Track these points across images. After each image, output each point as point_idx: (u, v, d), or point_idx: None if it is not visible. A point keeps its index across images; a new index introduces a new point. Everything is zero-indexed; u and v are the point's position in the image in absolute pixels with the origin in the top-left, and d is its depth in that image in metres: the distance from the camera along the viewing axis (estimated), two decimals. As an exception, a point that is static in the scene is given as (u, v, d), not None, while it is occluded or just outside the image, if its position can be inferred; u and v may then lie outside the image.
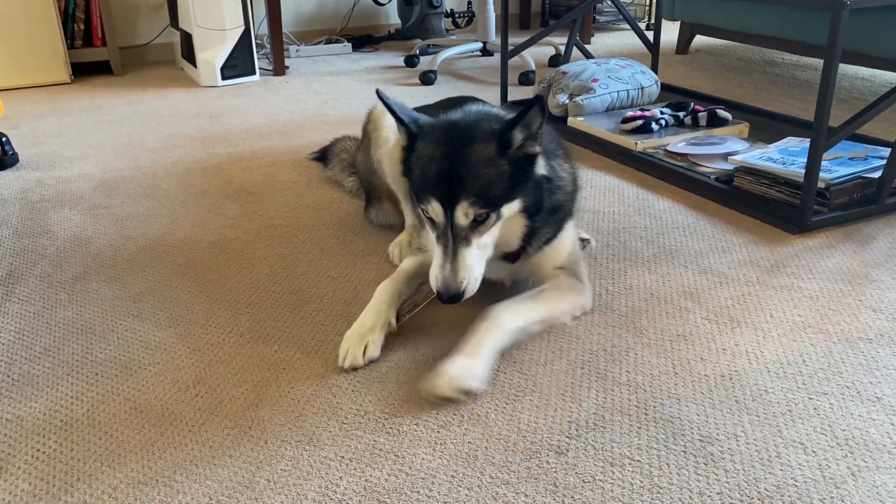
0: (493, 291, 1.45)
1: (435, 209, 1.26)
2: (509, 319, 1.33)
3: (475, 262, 1.28)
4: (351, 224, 1.96)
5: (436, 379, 1.22)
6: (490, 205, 1.26)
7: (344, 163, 2.25)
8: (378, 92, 1.35)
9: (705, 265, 1.67)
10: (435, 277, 1.27)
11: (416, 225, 1.76)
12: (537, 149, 1.31)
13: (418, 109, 1.86)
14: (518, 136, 1.28)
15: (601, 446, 1.12)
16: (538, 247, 1.44)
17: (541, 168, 1.34)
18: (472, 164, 1.25)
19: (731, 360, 1.32)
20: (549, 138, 1.43)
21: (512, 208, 1.31)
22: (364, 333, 1.35)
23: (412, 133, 1.34)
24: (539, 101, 1.25)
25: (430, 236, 1.32)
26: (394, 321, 1.40)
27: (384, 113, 1.77)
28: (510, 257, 1.43)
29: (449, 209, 1.25)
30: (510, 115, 1.31)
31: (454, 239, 1.26)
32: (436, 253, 1.28)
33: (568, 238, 1.49)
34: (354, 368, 1.31)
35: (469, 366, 1.24)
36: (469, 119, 1.35)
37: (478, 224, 1.27)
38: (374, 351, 1.33)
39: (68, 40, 3.76)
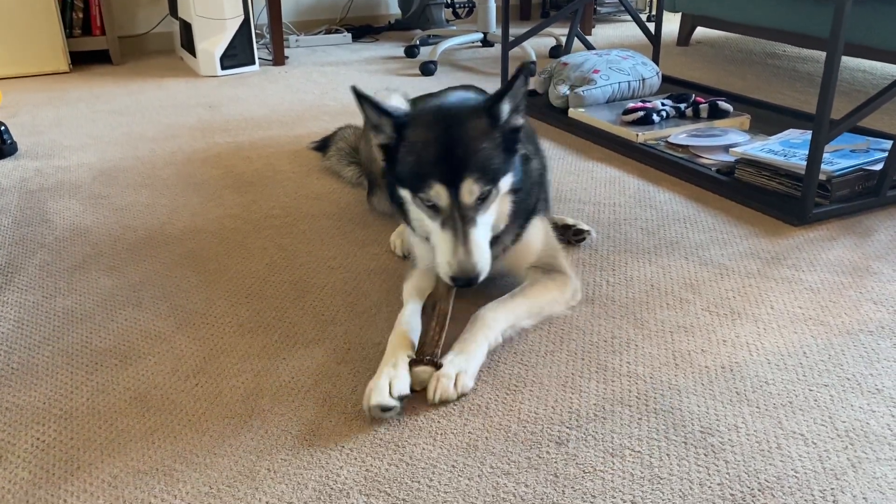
0: (486, 289, 1.44)
1: (439, 192, 1.24)
2: (497, 320, 1.33)
3: (483, 241, 1.27)
4: (351, 214, 1.96)
5: (436, 381, 1.21)
6: (491, 179, 1.26)
7: (342, 152, 2.23)
8: (354, 88, 1.29)
9: (706, 257, 1.67)
10: (448, 265, 1.24)
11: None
12: (521, 121, 1.32)
13: (417, 99, 1.85)
14: (506, 108, 1.29)
15: (602, 437, 1.12)
16: (514, 234, 1.43)
17: (520, 146, 1.36)
18: (470, 141, 1.25)
19: (732, 352, 1.32)
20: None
21: (506, 182, 1.31)
22: (385, 373, 1.21)
23: (400, 123, 1.29)
24: (523, 72, 1.25)
25: (432, 225, 1.29)
26: (412, 354, 1.27)
27: (386, 99, 1.76)
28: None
29: (454, 189, 1.23)
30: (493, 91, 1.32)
31: (462, 220, 1.24)
32: (441, 240, 1.26)
33: (537, 234, 1.48)
34: (384, 409, 1.15)
35: (465, 366, 1.23)
36: (453, 101, 1.36)
37: (481, 202, 1.26)
38: (402, 387, 1.18)
39: (67, 29, 3.74)
